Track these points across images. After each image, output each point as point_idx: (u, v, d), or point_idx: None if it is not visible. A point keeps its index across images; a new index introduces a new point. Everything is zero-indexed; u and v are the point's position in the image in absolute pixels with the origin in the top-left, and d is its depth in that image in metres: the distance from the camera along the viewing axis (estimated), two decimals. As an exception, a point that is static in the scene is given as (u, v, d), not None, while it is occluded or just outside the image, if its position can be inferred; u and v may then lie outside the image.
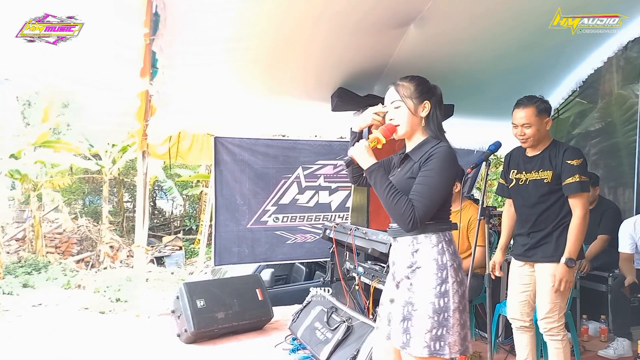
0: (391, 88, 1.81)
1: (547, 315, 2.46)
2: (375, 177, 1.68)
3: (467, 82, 4.30)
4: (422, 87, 1.80)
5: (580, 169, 2.41)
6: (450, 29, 3.66)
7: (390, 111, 1.78)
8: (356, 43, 3.68)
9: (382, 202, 1.68)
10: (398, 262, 1.76)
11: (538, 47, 3.96)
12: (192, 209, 16.01)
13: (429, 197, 1.64)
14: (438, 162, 1.65)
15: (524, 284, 2.62)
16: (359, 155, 1.71)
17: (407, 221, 1.63)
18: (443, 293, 1.63)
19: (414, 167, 1.72)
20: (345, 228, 3.35)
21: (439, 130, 1.80)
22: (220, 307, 3.47)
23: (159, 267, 11.85)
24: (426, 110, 1.78)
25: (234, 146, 4.35)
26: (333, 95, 4.13)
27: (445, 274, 1.65)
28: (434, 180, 1.64)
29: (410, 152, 1.78)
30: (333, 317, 3.12)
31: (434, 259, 1.66)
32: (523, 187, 2.60)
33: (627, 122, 5.11)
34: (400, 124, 1.76)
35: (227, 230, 4.35)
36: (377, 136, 1.72)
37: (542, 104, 2.49)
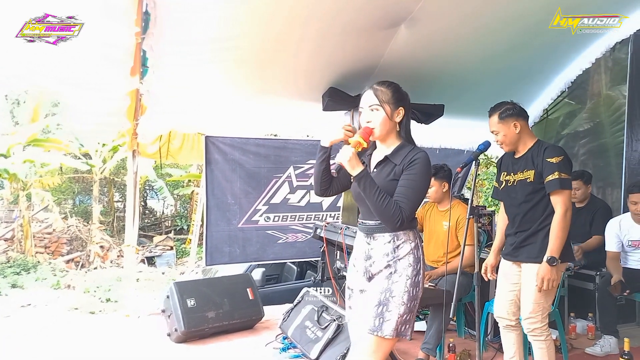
0: (369, 91, 1.89)
1: (530, 315, 2.47)
2: (365, 183, 1.76)
3: (457, 82, 4.33)
4: (398, 94, 1.89)
5: (560, 167, 2.41)
6: (440, 30, 3.69)
7: (367, 113, 1.87)
8: (347, 43, 3.69)
9: (371, 205, 1.77)
10: (376, 257, 1.86)
11: (527, 47, 4.00)
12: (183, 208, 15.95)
13: (413, 199, 1.78)
14: (421, 167, 1.78)
15: (512, 283, 2.64)
16: (349, 163, 1.76)
17: (395, 221, 1.76)
18: (416, 283, 1.82)
19: (396, 170, 1.83)
20: (336, 227, 3.36)
21: (409, 135, 1.92)
22: (211, 307, 3.47)
23: (150, 267, 11.79)
24: (400, 116, 1.88)
25: (225, 145, 4.35)
26: (324, 95, 4.14)
27: (419, 266, 1.85)
28: (417, 183, 1.79)
29: (390, 156, 1.87)
30: (323, 315, 3.13)
31: (411, 252, 1.83)
32: (511, 188, 2.63)
33: (615, 123, 5.17)
34: (377, 127, 1.85)
35: (218, 230, 4.34)
36: (358, 140, 1.78)
37: (507, 110, 2.55)
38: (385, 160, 1.89)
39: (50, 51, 3.00)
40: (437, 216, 3.48)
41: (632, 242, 3.46)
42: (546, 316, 2.50)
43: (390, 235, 1.84)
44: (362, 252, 1.92)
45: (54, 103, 10.48)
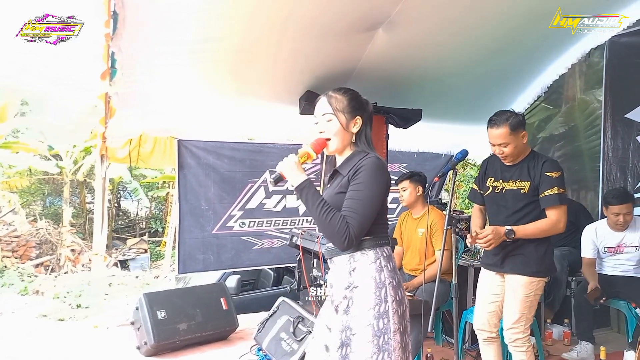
0: (323, 99, 1.71)
1: (513, 325, 2.45)
2: (307, 195, 1.58)
3: (435, 86, 4.30)
4: (355, 102, 1.70)
5: (559, 182, 2.40)
6: (418, 34, 3.65)
7: (321, 123, 1.69)
8: (324, 46, 3.62)
9: (315, 220, 1.60)
10: (335, 284, 1.65)
11: (505, 53, 3.99)
12: (159, 210, 15.64)
13: (362, 212, 1.56)
14: (367, 174, 1.58)
15: (494, 294, 2.60)
16: (289, 172, 1.60)
17: (342, 239, 1.54)
18: (382, 314, 1.54)
19: (342, 182, 1.64)
20: (312, 235, 3.28)
21: (369, 147, 1.71)
22: (183, 318, 3.34)
23: (123, 271, 11.50)
24: (357, 126, 1.70)
25: (198, 149, 4.22)
26: (301, 99, 4.05)
27: (384, 293, 1.56)
28: (365, 193, 1.57)
29: (338, 167, 1.71)
30: (299, 327, 3.05)
31: (371, 276, 1.57)
32: (499, 196, 2.57)
33: (589, 127, 5.23)
34: (331, 138, 1.67)
35: (192, 236, 4.21)
36: (307, 151, 1.63)
37: (515, 120, 2.42)
38: (335, 174, 1.73)
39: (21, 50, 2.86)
40: (412, 224, 3.44)
41: (607, 248, 3.46)
42: (528, 327, 2.48)
43: (347, 257, 1.62)
44: (328, 279, 1.73)
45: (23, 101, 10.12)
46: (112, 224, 14.40)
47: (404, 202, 3.48)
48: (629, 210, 3.26)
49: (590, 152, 5.06)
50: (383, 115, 4.11)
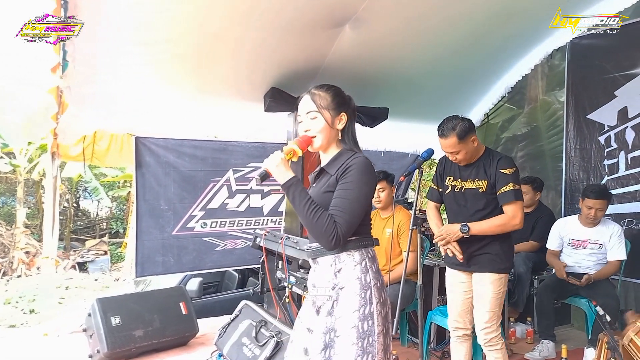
0: (306, 97, 1.69)
1: (486, 325, 2.45)
2: (294, 192, 1.54)
3: (402, 85, 4.28)
4: (339, 98, 1.69)
5: (514, 178, 2.42)
6: (385, 32, 3.60)
7: (306, 122, 1.67)
8: (289, 42, 3.52)
9: (302, 219, 1.56)
10: (319, 285, 1.62)
11: (469, 52, 3.99)
12: (120, 210, 15.15)
13: (350, 212, 1.53)
14: (356, 174, 1.56)
15: (464, 291, 2.61)
16: (275, 169, 1.55)
17: (329, 239, 1.51)
18: (367, 315, 1.53)
19: (330, 181, 1.62)
20: (276, 236, 3.17)
21: (355, 143, 1.71)
22: (139, 324, 3.18)
23: (82, 274, 11.07)
24: (342, 123, 1.68)
25: (157, 147, 4.04)
26: (266, 96, 3.94)
27: (369, 295, 1.55)
28: (354, 193, 1.55)
29: (325, 166, 1.68)
30: (262, 331, 2.94)
31: (357, 278, 1.56)
32: (459, 195, 2.58)
33: (550, 127, 5.33)
34: (317, 135, 1.65)
35: (151, 238, 4.03)
36: (292, 148, 1.60)
37: (461, 128, 2.43)
38: (321, 172, 1.70)
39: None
40: (380, 223, 3.39)
41: (572, 240, 3.53)
42: (499, 325, 2.49)
43: (332, 258, 1.60)
44: (310, 280, 1.71)
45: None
46: (71, 225, 13.89)
47: (381, 204, 3.42)
48: (602, 207, 3.33)
49: (551, 152, 5.16)
50: (349, 113, 4.04)
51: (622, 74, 3.79)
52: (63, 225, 13.81)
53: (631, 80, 3.72)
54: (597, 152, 3.99)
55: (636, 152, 3.69)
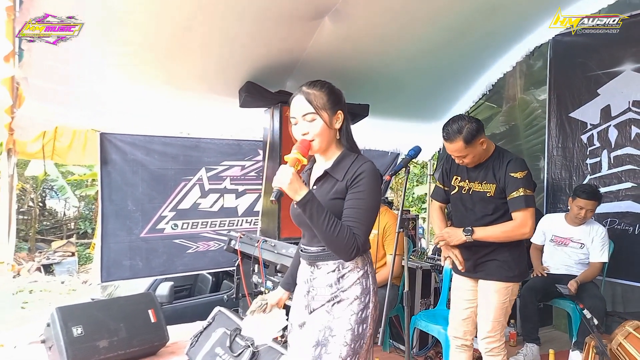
0: (299, 97, 1.58)
1: (489, 334, 2.32)
2: (311, 209, 1.44)
3: (383, 81, 4.15)
4: (334, 96, 1.60)
5: (525, 182, 2.24)
6: (366, 25, 3.46)
7: (302, 124, 1.56)
8: (264, 34, 3.34)
9: (320, 234, 1.47)
10: (319, 289, 1.60)
11: (452, 47, 3.88)
12: (88, 210, 14.62)
13: (366, 222, 1.50)
14: (369, 182, 1.52)
15: (467, 299, 2.45)
16: (290, 186, 1.43)
17: (350, 251, 1.47)
18: (364, 319, 1.55)
19: (338, 187, 1.55)
20: (252, 239, 3.00)
21: (353, 142, 1.65)
22: (103, 334, 2.96)
23: (47, 276, 10.63)
24: (340, 122, 1.60)
25: (124, 144, 3.81)
26: (241, 90, 3.74)
27: (368, 299, 1.57)
28: (368, 202, 1.51)
29: (330, 170, 1.59)
30: (237, 340, 2.75)
31: (359, 282, 1.56)
32: (466, 197, 2.41)
33: (529, 126, 5.28)
34: (315, 139, 1.55)
35: (117, 240, 3.80)
36: (297, 157, 1.48)
37: (468, 131, 2.24)
38: (325, 176, 1.61)
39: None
40: (363, 225, 3.23)
41: (555, 237, 3.49)
42: (503, 334, 2.36)
43: (335, 263, 1.57)
44: (304, 283, 1.66)
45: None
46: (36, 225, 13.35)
47: None
48: (592, 208, 3.29)
49: (529, 151, 5.11)
50: (328, 110, 3.89)
51: (605, 71, 3.73)
52: (28, 226, 13.28)
53: (614, 78, 3.66)
54: (579, 150, 3.93)
55: (619, 151, 3.65)
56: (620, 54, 3.63)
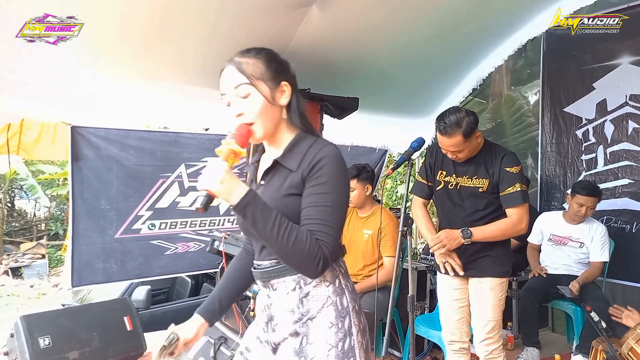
0: (230, 67, 1.22)
1: (487, 335, 2.22)
2: (254, 213, 1.08)
3: (372, 74, 3.99)
4: (275, 63, 1.24)
5: (520, 177, 2.17)
6: (355, 14, 3.29)
7: (235, 102, 1.20)
8: (249, 21, 3.13)
9: (271, 245, 1.12)
10: (279, 317, 1.23)
11: (444, 40, 3.75)
12: (59, 210, 14.09)
13: (334, 222, 1.14)
14: (333, 171, 1.15)
15: (457, 299, 2.35)
16: (221, 186, 1.07)
17: (315, 264, 1.10)
18: (348, 352, 1.17)
19: (293, 180, 1.18)
20: (238, 240, 2.79)
21: (308, 122, 1.29)
22: (74, 345, 2.69)
23: (16, 280, 10.15)
24: (286, 96, 1.24)
25: (98, 138, 3.54)
26: (222, 82, 3.52)
27: (348, 324, 1.19)
28: (333, 197, 1.15)
29: (280, 158, 1.23)
30: (222, 350, 2.55)
31: (331, 303, 1.19)
32: (454, 192, 2.30)
33: (515, 124, 5.21)
34: (256, 121, 1.19)
35: (89, 242, 3.53)
36: (232, 149, 1.13)
37: (468, 124, 2.13)
38: (274, 167, 1.25)
39: None
40: (358, 223, 3.06)
41: (553, 235, 3.39)
42: (501, 334, 2.27)
43: (294, 280, 1.20)
44: (262, 311, 1.30)
45: None
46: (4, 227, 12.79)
47: (352, 204, 3.08)
48: (592, 205, 3.20)
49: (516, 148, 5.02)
50: (317, 103, 3.71)
51: (601, 65, 3.64)
52: (-4, 227, 12.72)
53: (610, 72, 3.58)
54: (574, 146, 3.84)
55: (615, 147, 3.56)
56: (616, 46, 3.55)
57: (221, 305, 1.40)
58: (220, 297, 1.41)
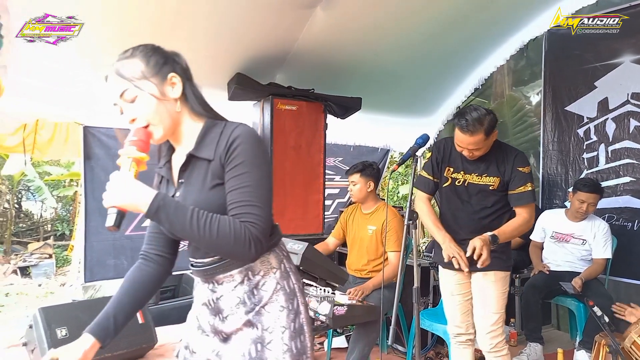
0: (111, 74, 1.16)
1: (492, 328, 2.25)
2: (167, 213, 1.05)
3: (375, 74, 4.06)
4: (156, 56, 1.19)
5: (531, 177, 2.24)
6: (359, 15, 3.37)
7: (126, 109, 1.16)
8: (255, 21, 3.20)
9: (196, 240, 1.09)
10: (229, 309, 1.21)
11: (447, 38, 3.80)
12: (65, 211, 14.21)
13: (260, 201, 1.10)
14: (249, 149, 1.12)
15: (461, 293, 2.39)
16: (128, 197, 1.04)
17: (246, 247, 1.07)
18: (299, 330, 1.20)
19: (213, 169, 1.14)
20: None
21: (210, 107, 1.24)
22: (89, 337, 2.78)
23: (24, 279, 10.26)
24: (178, 88, 1.19)
25: (109, 138, 3.62)
26: (230, 82, 3.60)
27: (297, 304, 1.23)
28: (253, 175, 1.11)
29: (195, 151, 1.18)
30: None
31: (280, 287, 1.21)
32: (461, 189, 2.33)
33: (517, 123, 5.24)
34: (151, 122, 1.15)
35: (101, 239, 3.62)
36: (134, 157, 1.10)
37: (489, 122, 2.13)
38: (190, 161, 1.20)
39: None
40: (361, 219, 3.12)
41: (556, 233, 3.42)
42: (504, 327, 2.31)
43: (241, 273, 1.19)
44: (205, 306, 1.27)
45: None
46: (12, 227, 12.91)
47: (353, 198, 3.15)
48: (594, 202, 3.23)
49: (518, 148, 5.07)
50: (321, 103, 3.78)
51: (602, 64, 3.69)
52: (3, 228, 12.84)
53: (612, 70, 3.62)
54: (575, 145, 3.89)
55: (617, 145, 3.60)
56: (618, 45, 3.58)
57: (116, 322, 1.29)
58: (115, 314, 1.29)
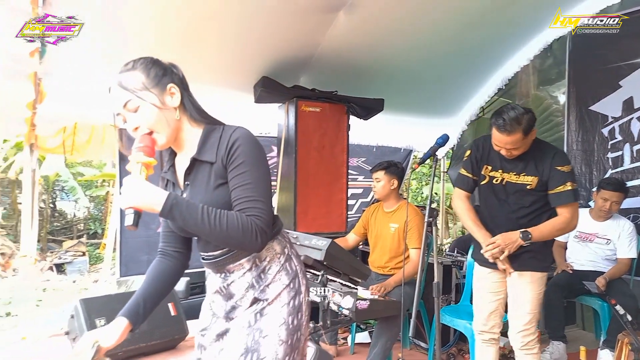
0: (114, 86, 1.27)
1: (525, 327, 2.26)
2: (181, 211, 1.17)
3: (397, 75, 4.13)
4: (155, 69, 1.30)
5: (572, 176, 2.20)
6: (380, 18, 3.45)
7: (130, 118, 1.27)
8: (281, 27, 3.33)
9: (207, 235, 1.22)
10: (239, 293, 1.36)
11: (468, 40, 3.84)
12: (98, 210, 14.68)
13: (262, 196, 1.25)
14: (247, 150, 1.25)
15: (494, 292, 2.40)
16: (144, 199, 1.17)
17: (253, 238, 1.21)
18: (297, 307, 1.34)
19: (216, 170, 1.28)
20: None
21: (207, 114, 1.36)
22: (125, 327, 2.95)
23: (59, 275, 10.66)
24: (176, 97, 1.30)
25: (142, 140, 3.79)
26: (256, 85, 3.73)
27: (297, 283, 1.37)
28: (254, 173, 1.25)
29: (197, 155, 1.30)
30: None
31: (283, 269, 1.35)
32: (499, 188, 2.34)
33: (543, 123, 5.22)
34: (155, 129, 1.26)
35: (135, 235, 3.79)
36: (143, 162, 1.21)
37: (527, 123, 2.11)
38: (194, 165, 1.32)
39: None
40: (384, 218, 3.21)
41: (580, 233, 3.40)
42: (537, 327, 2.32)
43: (249, 262, 1.34)
44: (218, 292, 1.41)
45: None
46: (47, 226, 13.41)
47: (376, 195, 3.24)
48: (618, 200, 3.21)
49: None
50: (344, 104, 3.87)
51: (627, 63, 3.66)
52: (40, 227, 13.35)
53: (637, 69, 3.59)
54: (600, 144, 3.87)
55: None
56: (642, 44, 3.57)
57: (145, 308, 1.42)
58: (144, 300, 1.42)
